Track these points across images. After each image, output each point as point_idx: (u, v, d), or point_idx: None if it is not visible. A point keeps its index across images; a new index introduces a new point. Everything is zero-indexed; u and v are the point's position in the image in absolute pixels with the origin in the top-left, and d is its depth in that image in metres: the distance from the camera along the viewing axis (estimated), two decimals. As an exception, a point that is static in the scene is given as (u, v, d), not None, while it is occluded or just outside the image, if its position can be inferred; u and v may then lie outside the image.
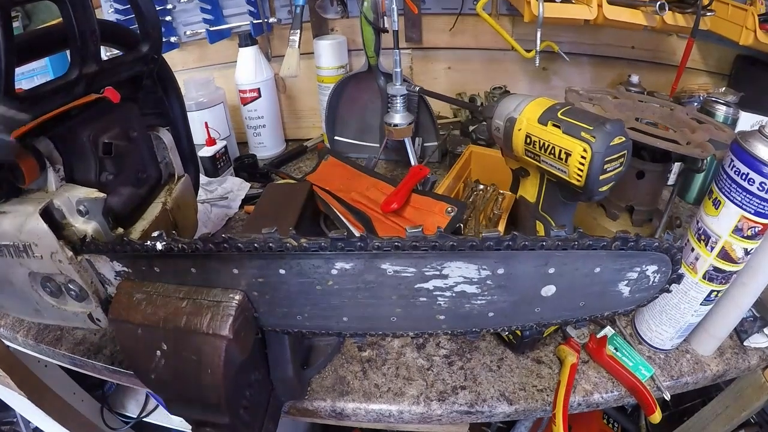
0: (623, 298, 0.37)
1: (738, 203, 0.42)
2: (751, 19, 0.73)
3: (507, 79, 1.07)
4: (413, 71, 1.08)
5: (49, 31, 0.45)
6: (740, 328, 0.57)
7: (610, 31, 1.00)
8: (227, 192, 0.88)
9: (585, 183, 0.42)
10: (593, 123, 0.41)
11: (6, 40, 0.33)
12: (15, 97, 0.36)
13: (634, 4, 0.75)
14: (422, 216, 0.67)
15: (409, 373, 0.54)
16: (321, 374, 0.54)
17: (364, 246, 0.33)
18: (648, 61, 1.03)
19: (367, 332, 0.38)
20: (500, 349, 0.57)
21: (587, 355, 0.56)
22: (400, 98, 0.81)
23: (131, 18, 0.86)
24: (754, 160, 0.40)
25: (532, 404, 0.51)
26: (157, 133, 0.56)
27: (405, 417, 0.51)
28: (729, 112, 0.75)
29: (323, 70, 0.98)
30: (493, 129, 0.50)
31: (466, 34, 1.03)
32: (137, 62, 0.51)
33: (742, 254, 0.45)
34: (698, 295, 0.49)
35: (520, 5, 0.80)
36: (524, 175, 0.52)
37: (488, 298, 0.35)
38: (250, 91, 0.97)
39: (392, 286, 0.35)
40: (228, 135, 0.98)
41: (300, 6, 0.82)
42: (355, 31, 1.00)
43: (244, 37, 0.93)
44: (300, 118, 1.12)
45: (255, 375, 0.44)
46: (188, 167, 0.62)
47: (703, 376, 0.54)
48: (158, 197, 0.55)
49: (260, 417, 0.45)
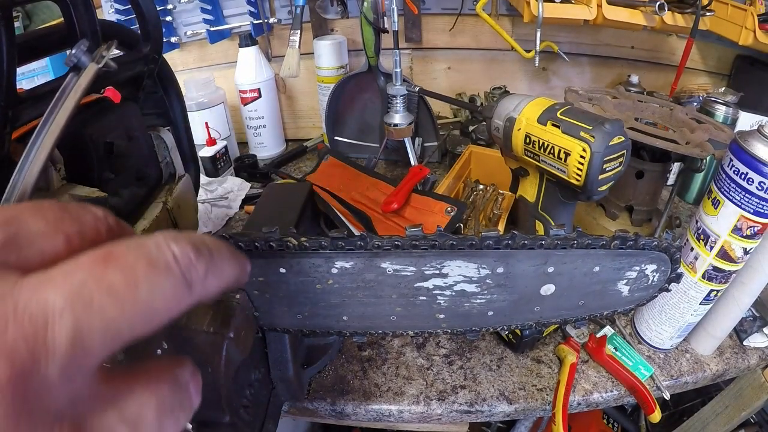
0: (622, 297, 0.38)
1: (737, 203, 0.42)
2: (750, 19, 0.73)
3: (507, 79, 1.07)
4: (413, 71, 1.09)
5: (50, 31, 0.45)
6: (740, 327, 0.57)
7: (610, 31, 1.00)
8: (227, 192, 0.88)
9: (584, 182, 0.43)
10: (592, 123, 0.41)
11: (7, 40, 0.34)
12: (16, 96, 0.36)
13: (633, 4, 0.75)
14: (422, 216, 0.67)
15: (409, 373, 0.54)
16: (321, 374, 0.55)
17: (364, 245, 0.33)
18: (647, 61, 1.04)
19: (367, 331, 0.38)
20: (500, 348, 0.57)
21: (587, 355, 0.56)
22: (400, 98, 0.81)
23: (132, 18, 0.86)
24: (753, 159, 0.40)
25: (532, 404, 0.51)
26: (158, 132, 0.56)
27: (405, 416, 0.52)
28: (728, 112, 0.75)
29: (323, 71, 0.98)
30: (493, 129, 0.51)
31: (466, 34, 1.03)
32: (138, 62, 0.51)
33: (741, 254, 0.45)
34: (697, 295, 0.49)
35: (520, 5, 0.80)
36: (524, 175, 0.52)
37: (488, 297, 0.35)
38: (251, 92, 0.97)
39: (392, 285, 0.35)
40: (228, 135, 0.98)
41: (300, 6, 0.82)
42: (355, 32, 1.00)
43: (245, 37, 0.93)
44: (300, 118, 1.12)
45: (255, 374, 0.44)
46: (189, 167, 0.62)
47: (702, 376, 0.54)
48: (159, 197, 0.55)
49: (260, 416, 0.45)
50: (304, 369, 0.52)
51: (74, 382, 0.13)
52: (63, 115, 0.23)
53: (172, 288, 0.15)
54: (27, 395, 0.12)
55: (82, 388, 0.13)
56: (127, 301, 0.13)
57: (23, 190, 0.24)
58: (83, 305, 0.13)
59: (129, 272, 0.14)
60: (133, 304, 0.14)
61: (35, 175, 0.21)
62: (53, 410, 0.13)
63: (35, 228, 0.14)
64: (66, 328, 0.12)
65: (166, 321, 0.15)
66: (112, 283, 0.13)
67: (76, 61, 0.25)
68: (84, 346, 0.13)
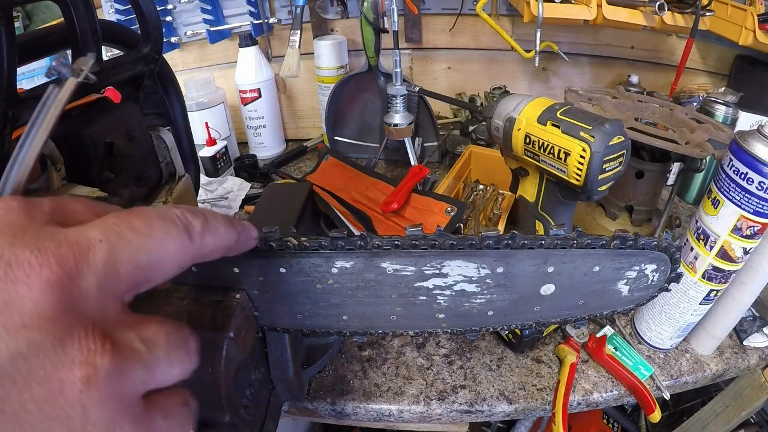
0: (622, 297, 0.38)
1: (737, 203, 0.42)
2: (750, 19, 0.74)
3: (507, 79, 1.08)
4: (413, 71, 1.09)
5: (50, 31, 0.45)
6: (740, 327, 0.57)
7: (610, 31, 1.00)
8: (227, 192, 0.88)
9: (584, 182, 0.43)
10: (592, 123, 0.42)
11: (7, 40, 0.34)
12: (16, 96, 0.36)
13: (633, 4, 0.75)
14: (422, 216, 0.67)
15: (409, 373, 0.54)
16: (321, 373, 0.55)
17: (365, 245, 0.33)
18: (647, 62, 1.04)
19: (367, 331, 0.38)
20: (500, 348, 0.57)
21: (587, 355, 0.56)
22: (400, 98, 0.81)
23: (132, 18, 0.86)
24: (753, 159, 0.40)
25: (532, 403, 0.51)
26: (158, 133, 0.56)
27: (405, 416, 0.52)
28: (728, 112, 0.75)
29: (323, 71, 0.98)
30: (493, 129, 0.51)
31: (466, 34, 1.03)
32: (138, 62, 0.51)
33: (741, 253, 0.45)
34: (697, 295, 0.49)
35: (520, 5, 0.80)
36: (524, 175, 0.52)
37: (487, 296, 0.35)
38: (251, 92, 0.97)
39: (392, 285, 0.35)
40: (228, 135, 0.98)
41: (300, 6, 0.82)
42: (355, 32, 1.00)
43: (245, 37, 0.93)
44: (300, 118, 1.12)
45: (255, 374, 0.44)
46: (189, 167, 0.62)
47: (702, 376, 0.54)
48: (159, 197, 0.55)
49: (261, 416, 0.45)
50: (304, 369, 0.52)
51: (106, 299, 0.17)
52: (44, 128, 0.23)
53: (179, 236, 0.20)
54: (71, 295, 0.16)
55: (112, 309, 0.18)
56: (147, 236, 0.18)
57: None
58: (115, 237, 0.18)
59: (147, 219, 0.19)
60: (150, 240, 0.19)
61: (20, 192, 0.22)
62: (88, 315, 0.16)
63: (74, 207, 0.20)
64: (103, 251, 0.17)
65: (174, 267, 0.20)
66: (135, 224, 0.18)
67: (57, 74, 0.26)
68: (116, 269, 0.17)
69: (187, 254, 0.20)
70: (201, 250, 0.21)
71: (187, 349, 0.20)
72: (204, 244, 0.21)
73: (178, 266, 0.20)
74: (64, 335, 0.15)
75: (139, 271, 0.18)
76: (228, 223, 0.23)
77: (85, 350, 0.16)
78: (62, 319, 0.15)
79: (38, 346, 0.15)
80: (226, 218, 0.23)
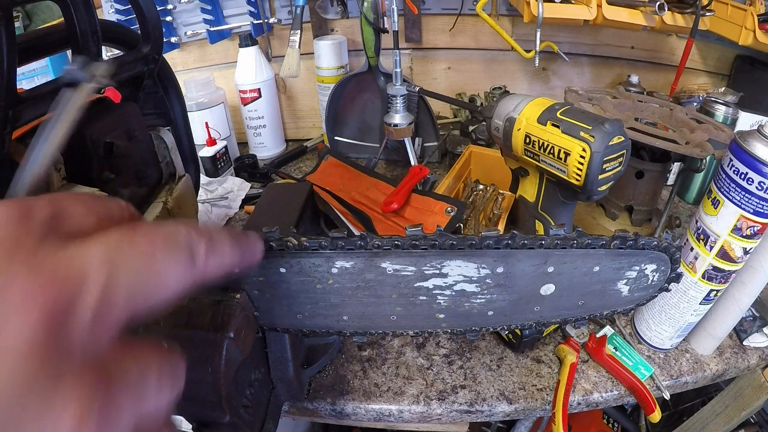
0: (622, 297, 0.38)
1: (737, 203, 0.42)
2: (750, 19, 0.74)
3: (507, 79, 1.08)
4: (413, 71, 1.09)
5: (50, 31, 0.45)
6: (740, 327, 0.57)
7: (610, 31, 1.00)
8: (227, 192, 0.88)
9: (584, 182, 0.43)
10: (592, 123, 0.42)
11: (7, 40, 0.34)
12: (16, 96, 0.36)
13: (633, 4, 0.75)
14: (422, 216, 0.68)
15: (409, 373, 0.54)
16: (321, 373, 0.55)
17: (365, 245, 0.33)
18: (647, 62, 1.04)
19: (367, 331, 0.38)
20: (500, 348, 0.57)
21: (587, 355, 0.56)
22: (400, 98, 0.81)
23: (132, 18, 0.86)
24: (753, 159, 0.40)
25: (532, 403, 0.51)
26: (158, 133, 0.56)
27: (405, 416, 0.52)
28: (728, 112, 0.75)
29: (323, 71, 0.98)
30: (493, 129, 0.51)
31: (466, 34, 1.03)
32: (138, 62, 0.51)
33: (741, 253, 0.45)
34: (697, 295, 0.49)
35: (520, 5, 0.80)
36: (524, 175, 0.52)
37: (487, 296, 0.35)
38: (251, 92, 0.97)
39: (392, 285, 0.35)
40: (228, 135, 0.98)
41: (300, 6, 0.82)
42: (355, 32, 1.00)
43: (245, 37, 0.93)
44: (300, 118, 1.12)
45: (255, 374, 0.44)
46: (189, 167, 0.62)
47: (702, 376, 0.54)
48: (159, 197, 0.55)
49: (261, 416, 0.45)
50: (304, 369, 0.52)
51: (100, 331, 0.16)
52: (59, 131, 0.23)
53: (182, 260, 0.19)
54: (64, 332, 0.15)
55: (105, 339, 0.16)
56: (150, 260, 0.17)
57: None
58: (117, 258, 0.16)
59: (151, 239, 0.18)
60: (153, 265, 0.18)
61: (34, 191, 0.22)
62: (80, 351, 0.15)
63: (74, 209, 0.18)
64: (102, 278, 0.16)
65: (174, 294, 0.18)
66: (139, 245, 0.17)
67: (70, 79, 0.26)
68: (113, 300, 0.16)
69: (189, 279, 0.19)
70: (204, 275, 0.20)
71: (176, 376, 0.19)
72: (207, 267, 0.20)
73: (178, 292, 0.19)
74: (54, 376, 0.14)
75: (137, 299, 0.17)
76: (234, 241, 0.23)
77: (77, 395, 0.15)
78: (52, 360, 0.14)
79: (26, 388, 0.14)
80: (233, 235, 0.23)
